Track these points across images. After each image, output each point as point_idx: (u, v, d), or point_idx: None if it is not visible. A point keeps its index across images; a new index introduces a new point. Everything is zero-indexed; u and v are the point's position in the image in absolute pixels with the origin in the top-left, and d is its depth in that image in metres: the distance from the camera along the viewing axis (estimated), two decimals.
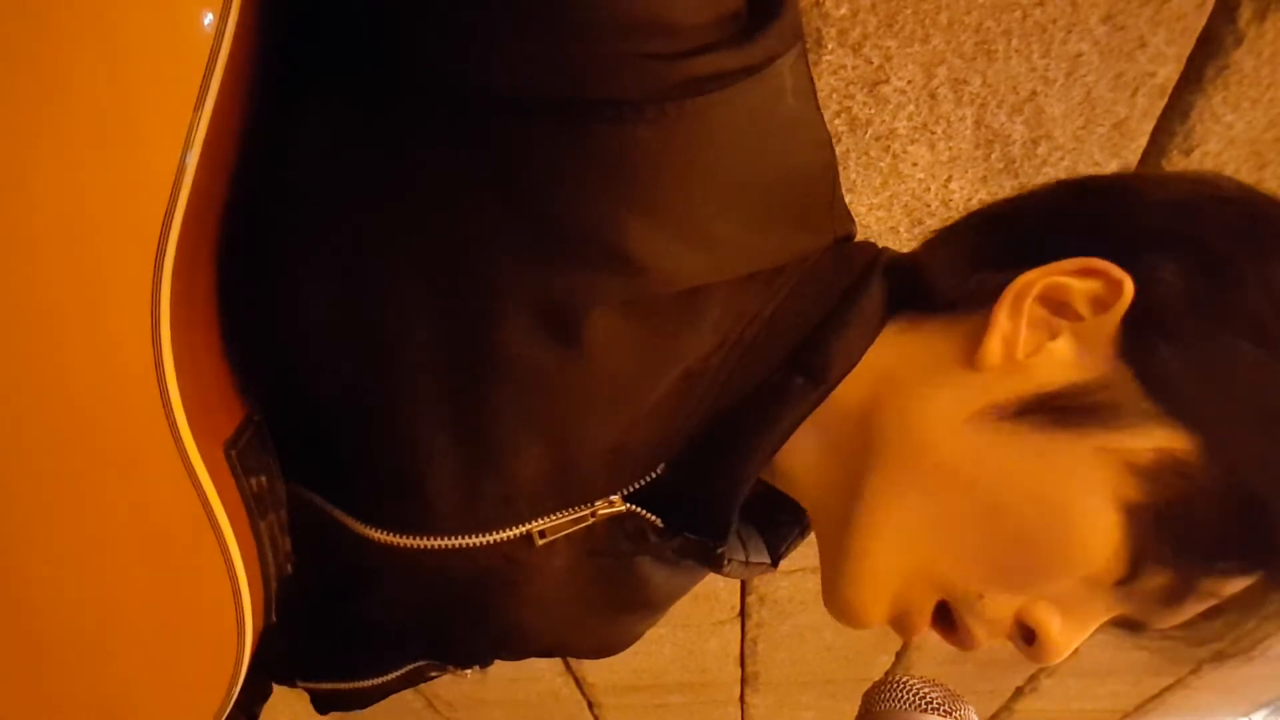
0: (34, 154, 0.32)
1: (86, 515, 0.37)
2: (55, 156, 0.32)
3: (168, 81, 0.32)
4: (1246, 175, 1.04)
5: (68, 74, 0.31)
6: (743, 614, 2.24)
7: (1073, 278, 0.40)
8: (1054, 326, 0.41)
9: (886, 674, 1.35)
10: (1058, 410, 0.40)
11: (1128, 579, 0.39)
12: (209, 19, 0.32)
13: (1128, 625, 0.43)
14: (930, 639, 0.44)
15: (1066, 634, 0.42)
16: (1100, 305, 0.40)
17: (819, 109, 0.42)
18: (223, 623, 0.39)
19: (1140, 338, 0.39)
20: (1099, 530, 0.39)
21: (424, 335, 0.38)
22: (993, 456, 0.40)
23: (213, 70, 0.32)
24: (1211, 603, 0.40)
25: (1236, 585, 0.40)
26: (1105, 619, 0.42)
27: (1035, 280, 0.40)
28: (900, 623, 0.44)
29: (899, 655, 2.46)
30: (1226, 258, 0.39)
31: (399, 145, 0.37)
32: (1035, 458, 0.40)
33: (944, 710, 1.24)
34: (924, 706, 1.25)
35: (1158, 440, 0.38)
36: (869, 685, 1.33)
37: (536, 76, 0.34)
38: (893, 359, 0.43)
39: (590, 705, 2.88)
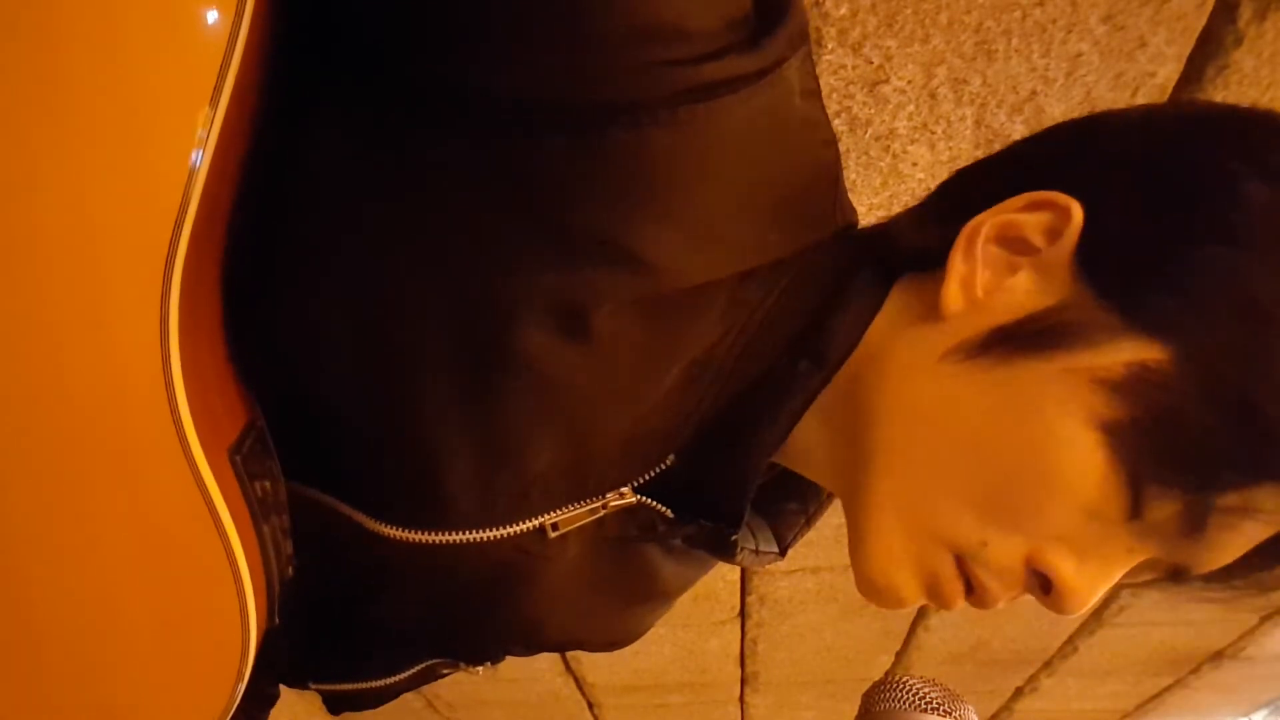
0: (38, 160, 0.32)
1: (91, 520, 0.37)
2: (60, 162, 0.32)
3: (181, 81, 0.32)
4: None
5: (72, 75, 0.31)
6: (743, 614, 2.24)
7: (1022, 213, 0.40)
8: (1013, 264, 0.41)
9: (886, 674, 1.35)
10: (1019, 338, 0.39)
11: (1135, 511, 0.38)
12: (220, 18, 0.31)
13: (1173, 575, 0.41)
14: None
15: (1084, 577, 0.40)
16: (1053, 234, 0.40)
17: (824, 108, 0.43)
18: (227, 626, 0.39)
19: (1096, 257, 0.39)
20: (1079, 452, 0.38)
21: (435, 335, 0.38)
22: (964, 396, 0.40)
23: (228, 69, 0.32)
24: (1238, 525, 0.38)
25: (1258, 498, 0.37)
26: (1131, 563, 0.41)
27: (984, 220, 0.41)
28: (934, 592, 0.43)
29: (899, 655, 2.47)
30: (1177, 160, 0.39)
31: (404, 147, 0.37)
32: (1003, 389, 0.39)
33: (944, 710, 1.24)
34: (924, 706, 1.25)
35: (1127, 353, 0.37)
36: (869, 685, 1.33)
37: (551, 82, 0.34)
38: (875, 328, 0.44)
39: (590, 705, 2.88)
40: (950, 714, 1.25)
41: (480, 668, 0.57)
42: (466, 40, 0.35)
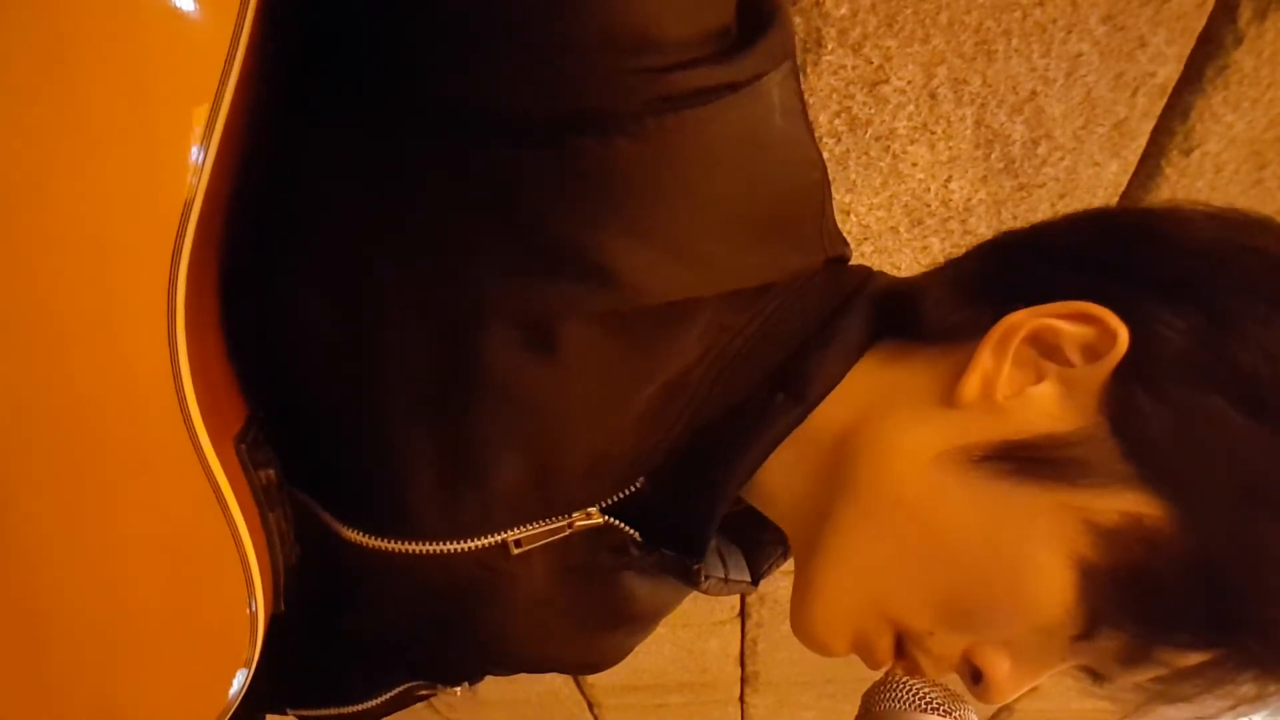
0: (46, 157, 0.32)
1: (101, 510, 0.37)
2: (68, 159, 0.32)
3: (186, 80, 0.32)
4: (1246, 175, 1.04)
5: (79, 74, 0.31)
6: (743, 614, 2.25)
7: (1065, 321, 0.38)
8: (1041, 369, 0.39)
9: (887, 674, 1.35)
10: (1025, 460, 0.38)
11: (1084, 636, 0.39)
12: (222, 19, 0.32)
13: (1090, 674, 0.42)
14: None
15: (1015, 678, 0.41)
16: (1092, 354, 0.38)
17: (810, 128, 0.41)
18: (234, 612, 0.40)
19: (1127, 394, 0.37)
20: (1050, 586, 0.38)
21: (407, 336, 0.39)
22: (953, 497, 0.39)
23: (230, 68, 0.32)
24: (1168, 671, 0.39)
25: (1192, 659, 0.38)
26: (1060, 667, 0.42)
27: (1024, 321, 0.39)
28: (864, 655, 0.44)
29: None
30: (1236, 316, 0.37)
31: (387, 145, 0.37)
32: (995, 504, 0.39)
33: (944, 710, 1.24)
34: (924, 706, 1.25)
35: (1126, 503, 0.37)
36: (869, 685, 1.33)
37: (522, 91, 0.34)
38: (874, 387, 0.43)
39: (590, 705, 2.88)
40: (950, 714, 1.24)
41: (458, 688, 0.57)
42: (443, 50, 0.35)
